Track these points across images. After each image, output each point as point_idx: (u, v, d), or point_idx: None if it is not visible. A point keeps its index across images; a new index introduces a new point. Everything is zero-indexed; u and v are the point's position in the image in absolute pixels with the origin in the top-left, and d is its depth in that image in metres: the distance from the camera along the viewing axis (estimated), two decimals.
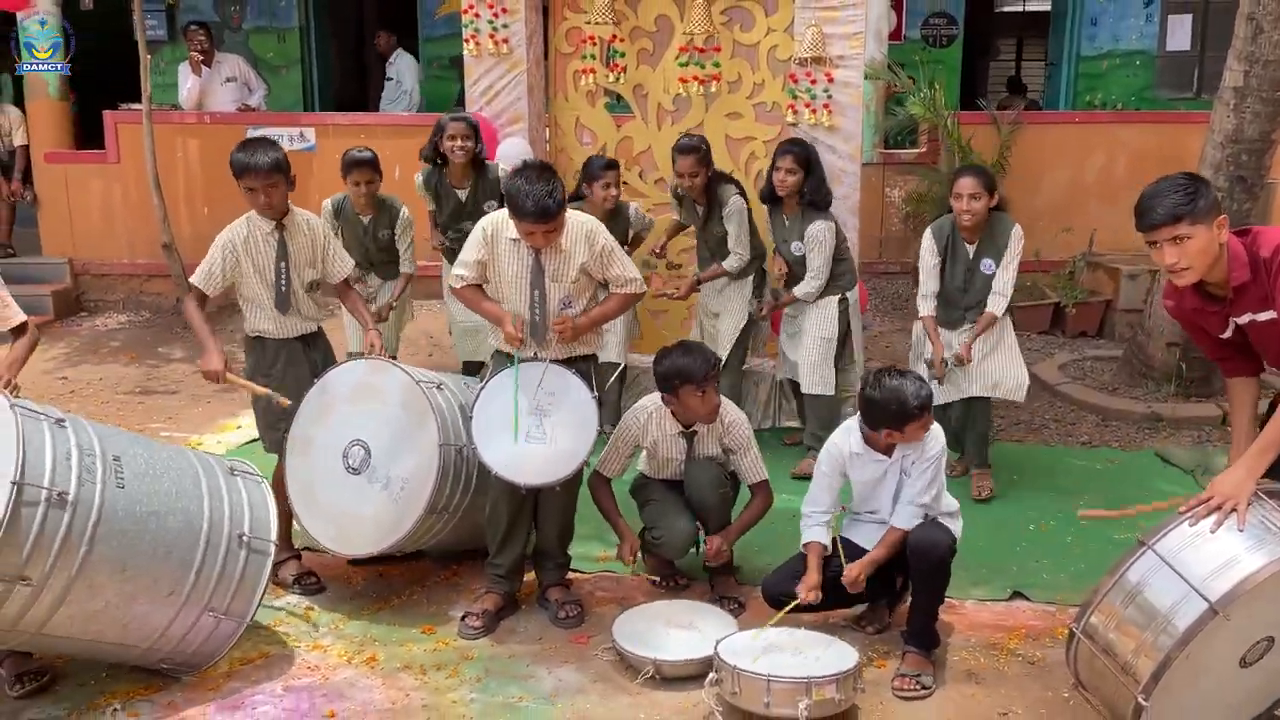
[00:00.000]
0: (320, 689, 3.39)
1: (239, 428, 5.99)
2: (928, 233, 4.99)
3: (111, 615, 3.09)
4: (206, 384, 4.48)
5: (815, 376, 5.24)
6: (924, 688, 3.34)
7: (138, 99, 8.89)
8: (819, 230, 5.08)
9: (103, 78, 9.53)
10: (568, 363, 3.76)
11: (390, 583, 4.16)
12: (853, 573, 3.48)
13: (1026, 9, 16.48)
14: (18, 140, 8.80)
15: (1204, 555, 2.79)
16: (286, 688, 3.40)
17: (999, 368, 4.91)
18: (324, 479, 3.82)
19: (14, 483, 2.85)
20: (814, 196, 5.13)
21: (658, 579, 4.12)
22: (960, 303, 4.93)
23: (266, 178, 3.74)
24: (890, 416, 3.43)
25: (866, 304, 5.99)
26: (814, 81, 5.63)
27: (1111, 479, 5.29)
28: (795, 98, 5.66)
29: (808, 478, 3.90)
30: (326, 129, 8.64)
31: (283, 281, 3.88)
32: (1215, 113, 5.99)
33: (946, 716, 3.25)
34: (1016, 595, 4.01)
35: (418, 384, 3.79)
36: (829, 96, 5.62)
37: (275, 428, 4.01)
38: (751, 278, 5.52)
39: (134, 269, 8.63)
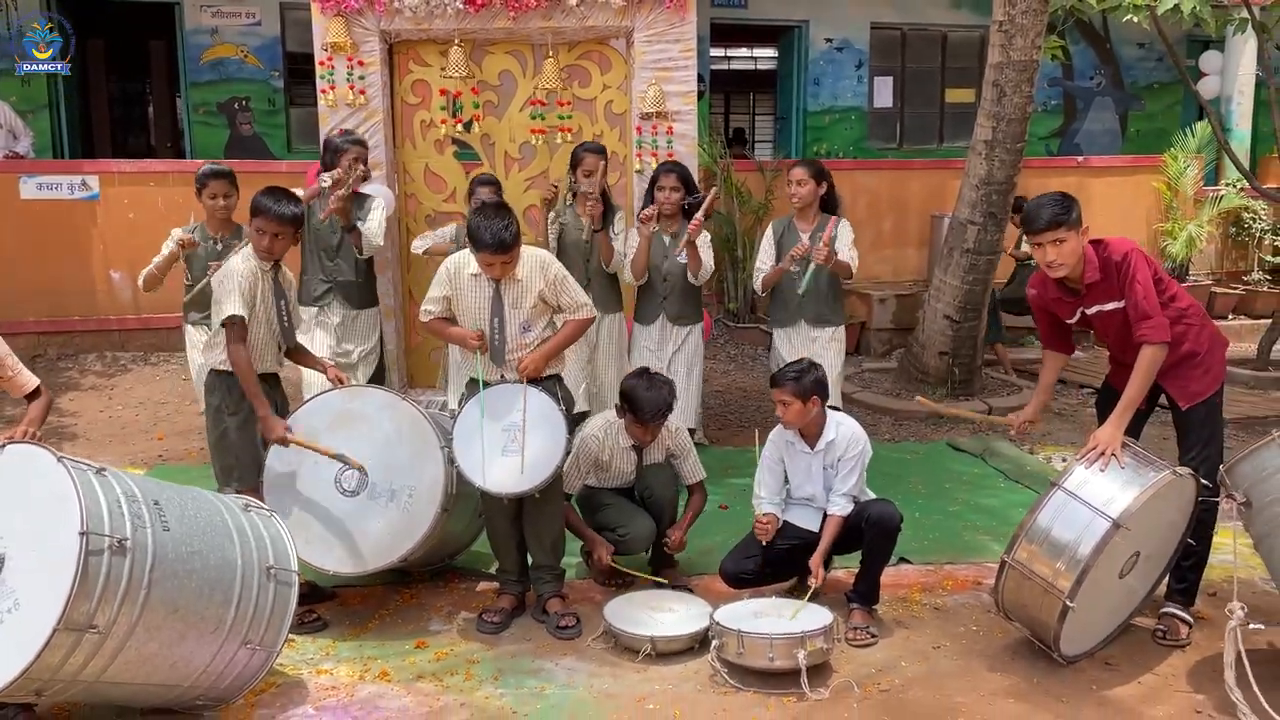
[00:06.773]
0: (352, 705, 3.55)
1: None
2: (769, 225, 5.85)
3: (163, 656, 3.12)
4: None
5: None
6: (873, 636, 4.01)
7: None
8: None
9: None
10: (535, 383, 4.10)
11: (357, 610, 4.31)
12: (815, 563, 4.07)
13: (731, 68, 18.31)
14: None
15: (1100, 487, 3.68)
16: (318, 709, 3.53)
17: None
18: (319, 508, 3.98)
19: (81, 533, 2.86)
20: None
21: (606, 580, 4.52)
22: (795, 300, 5.61)
23: (281, 226, 3.91)
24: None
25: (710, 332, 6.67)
26: (656, 133, 6.32)
27: (920, 464, 6.32)
28: (641, 147, 6.32)
29: None
30: (111, 177, 8.30)
31: (285, 317, 4.04)
32: (969, 160, 7.23)
33: (896, 654, 3.93)
34: (902, 560, 4.79)
35: (401, 398, 4.08)
36: (670, 146, 6.33)
37: (232, 467, 4.11)
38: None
39: None
